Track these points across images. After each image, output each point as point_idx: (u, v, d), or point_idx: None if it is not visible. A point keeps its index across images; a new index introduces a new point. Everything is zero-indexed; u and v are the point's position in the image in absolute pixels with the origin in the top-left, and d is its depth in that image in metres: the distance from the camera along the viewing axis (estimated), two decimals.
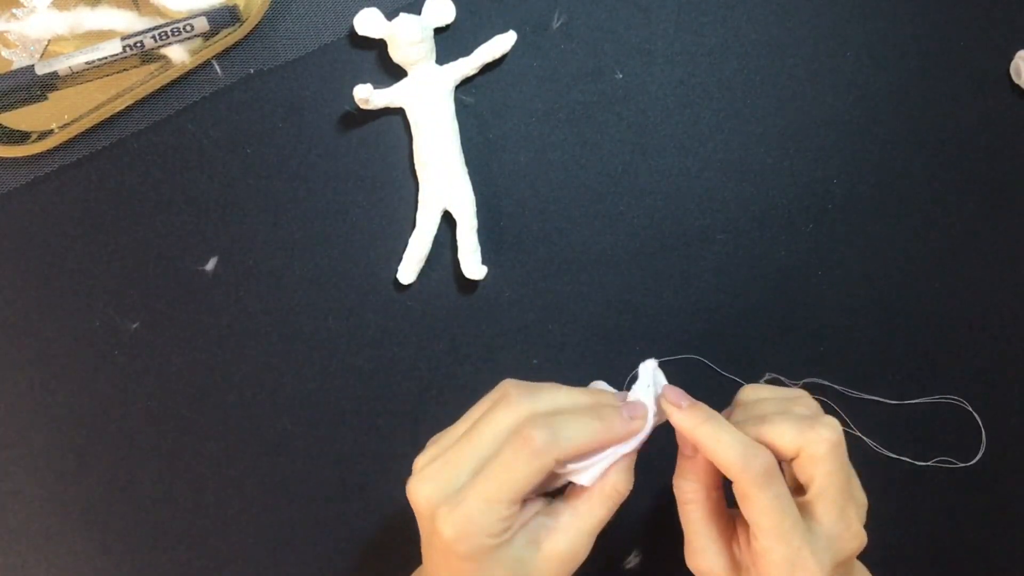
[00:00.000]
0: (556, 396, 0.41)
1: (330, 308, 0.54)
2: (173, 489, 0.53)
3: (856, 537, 0.39)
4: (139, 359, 0.53)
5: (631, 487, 0.41)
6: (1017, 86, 0.56)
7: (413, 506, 0.40)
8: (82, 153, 0.54)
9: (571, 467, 0.40)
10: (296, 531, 0.53)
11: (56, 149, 0.53)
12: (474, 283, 0.54)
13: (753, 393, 0.45)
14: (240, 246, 0.54)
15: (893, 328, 0.55)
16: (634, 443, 0.40)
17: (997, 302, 0.55)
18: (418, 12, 0.53)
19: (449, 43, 0.54)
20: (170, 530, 0.53)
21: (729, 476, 0.39)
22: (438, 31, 0.54)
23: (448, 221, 0.54)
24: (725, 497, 0.42)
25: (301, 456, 0.53)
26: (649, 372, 0.42)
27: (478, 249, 0.53)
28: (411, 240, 0.53)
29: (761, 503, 0.38)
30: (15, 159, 0.53)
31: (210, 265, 0.54)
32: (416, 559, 0.50)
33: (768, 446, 0.39)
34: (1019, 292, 0.55)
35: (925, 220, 0.55)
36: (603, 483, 0.40)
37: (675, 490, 0.42)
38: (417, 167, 0.54)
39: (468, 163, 0.54)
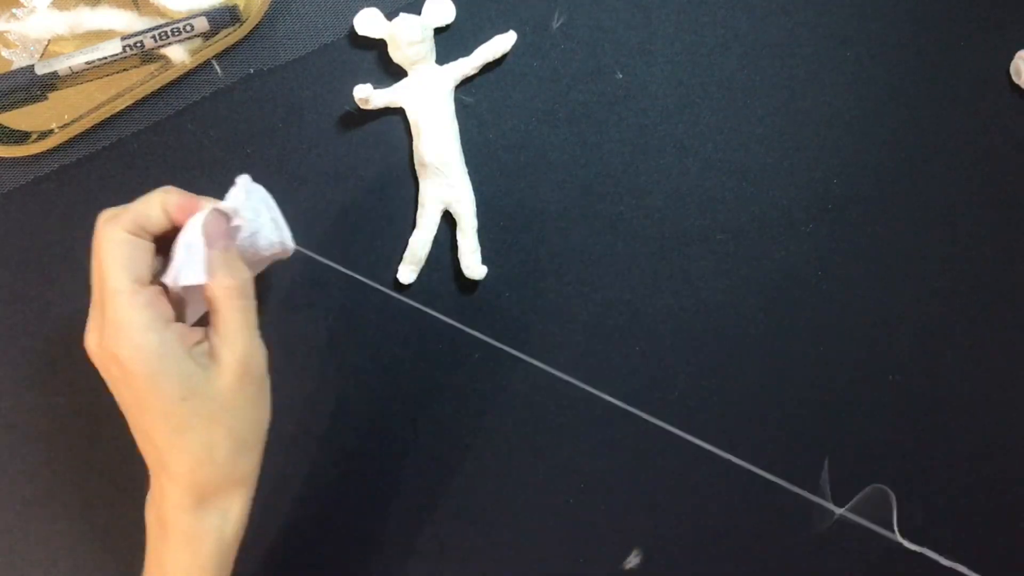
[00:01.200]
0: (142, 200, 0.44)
1: (330, 308, 0.54)
2: None
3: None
4: None
5: (246, 272, 0.43)
6: (1017, 86, 0.56)
7: (93, 361, 0.42)
8: (82, 153, 0.54)
9: (170, 277, 0.42)
10: (296, 531, 0.53)
11: (56, 149, 0.53)
12: (474, 283, 0.54)
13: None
14: None
15: (893, 328, 0.55)
16: (200, 220, 0.42)
17: (997, 302, 0.55)
18: (418, 12, 0.53)
19: (449, 43, 0.54)
20: None
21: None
22: (438, 31, 0.54)
23: (448, 221, 0.54)
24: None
25: (302, 457, 0.53)
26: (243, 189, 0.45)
27: (478, 249, 0.53)
28: (411, 240, 0.53)
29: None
30: (15, 159, 0.53)
31: None
32: (416, 559, 0.50)
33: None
34: (1019, 292, 0.55)
35: (925, 220, 0.55)
36: (217, 286, 0.42)
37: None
38: (417, 167, 0.54)
39: (468, 163, 0.54)
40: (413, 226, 0.54)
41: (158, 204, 0.43)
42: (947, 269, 0.55)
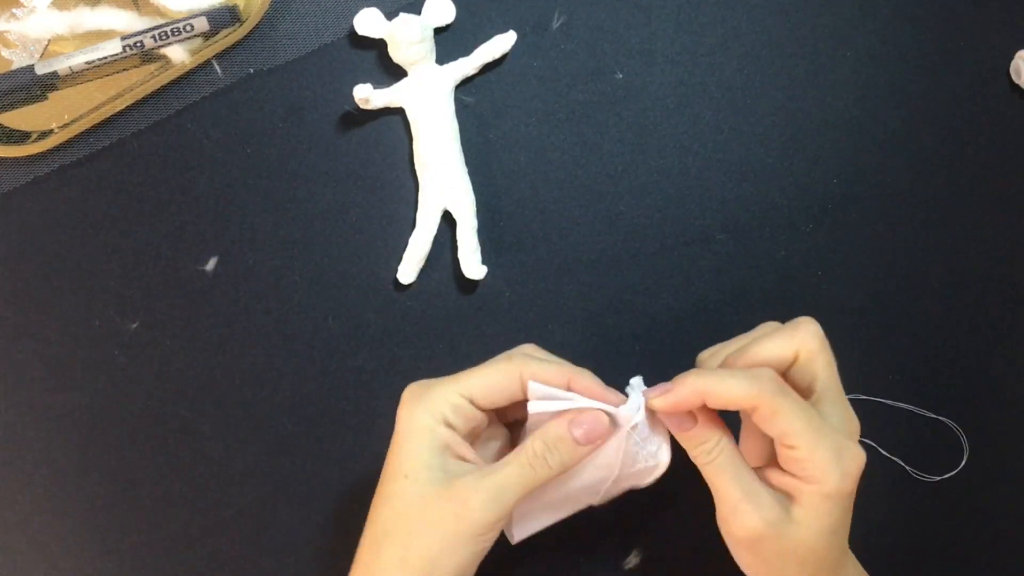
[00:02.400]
0: (557, 359, 0.45)
1: (330, 308, 0.54)
2: (173, 489, 0.53)
3: (858, 425, 0.42)
4: (139, 359, 0.53)
5: (552, 467, 0.41)
6: (1017, 86, 0.56)
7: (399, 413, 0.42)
8: (82, 153, 0.54)
9: (536, 401, 0.41)
10: (296, 531, 0.53)
11: (56, 149, 0.53)
12: (474, 283, 0.54)
13: (709, 351, 0.46)
14: (240, 246, 0.54)
15: (893, 329, 0.55)
16: (597, 403, 0.41)
17: (997, 302, 0.55)
18: (418, 12, 0.53)
19: (449, 43, 0.54)
20: (170, 530, 0.53)
21: (747, 406, 0.39)
22: (438, 31, 0.54)
23: (448, 221, 0.54)
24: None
25: (301, 456, 0.53)
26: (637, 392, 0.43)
27: (478, 249, 0.53)
28: (411, 240, 0.53)
29: (788, 410, 0.39)
30: (15, 159, 0.53)
31: (210, 265, 0.54)
32: None
33: (765, 363, 0.41)
34: (1019, 292, 0.55)
35: (925, 220, 0.55)
36: (524, 445, 0.41)
37: (699, 459, 0.41)
38: (417, 167, 0.54)
39: (468, 163, 0.54)
40: (413, 226, 0.54)
41: (566, 376, 0.43)
42: (947, 269, 0.55)
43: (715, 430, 0.41)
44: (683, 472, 0.52)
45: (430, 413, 0.41)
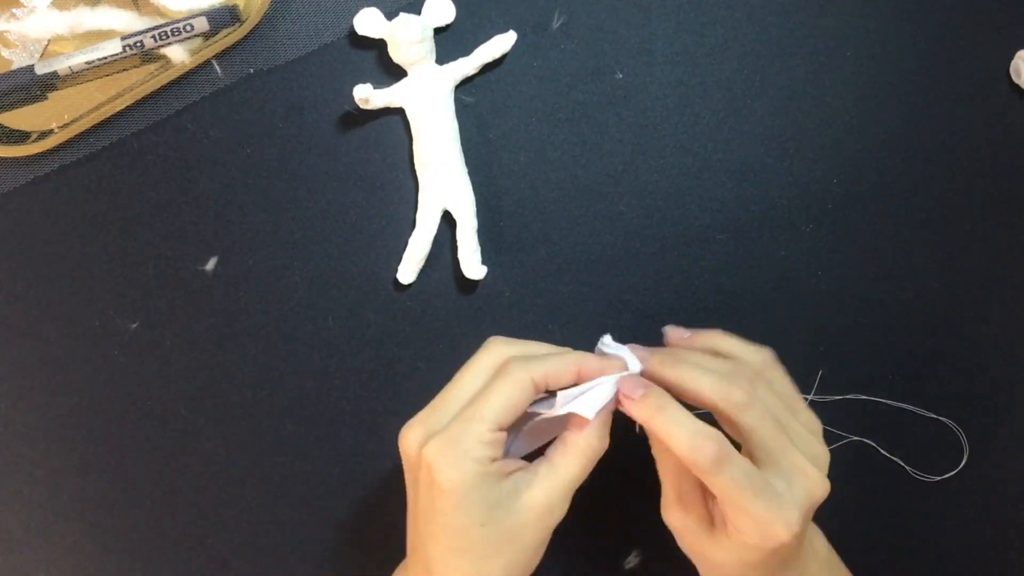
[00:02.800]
0: (535, 344, 0.44)
1: (330, 308, 0.54)
2: (173, 489, 0.53)
3: (818, 480, 0.40)
4: (139, 359, 0.53)
5: (606, 445, 0.43)
6: (1017, 86, 0.56)
7: (403, 453, 0.42)
8: (82, 153, 0.54)
9: (561, 401, 0.42)
10: (296, 531, 0.53)
11: (56, 149, 0.53)
12: (474, 283, 0.54)
13: (675, 334, 0.47)
14: (240, 246, 0.54)
15: (892, 329, 0.55)
16: (615, 378, 0.42)
17: (997, 302, 0.55)
18: (418, 12, 0.53)
19: (449, 43, 0.54)
20: (170, 530, 0.53)
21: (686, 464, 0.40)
22: (438, 31, 0.54)
23: (448, 221, 0.54)
24: None
25: (301, 456, 0.53)
26: (613, 348, 0.45)
27: (478, 249, 0.53)
28: (411, 240, 0.53)
29: (720, 485, 0.39)
30: (15, 159, 0.53)
31: (210, 265, 0.54)
32: None
33: (693, 395, 0.42)
34: (1019, 292, 0.55)
35: (925, 220, 0.55)
36: (578, 439, 0.42)
37: (652, 449, 0.44)
38: (417, 167, 0.54)
39: (468, 163, 0.54)
40: (413, 226, 0.54)
41: (574, 366, 0.43)
42: (947, 269, 0.55)
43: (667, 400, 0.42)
44: None
45: (478, 462, 0.40)
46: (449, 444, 0.40)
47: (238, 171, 0.54)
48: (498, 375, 0.42)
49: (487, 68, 0.54)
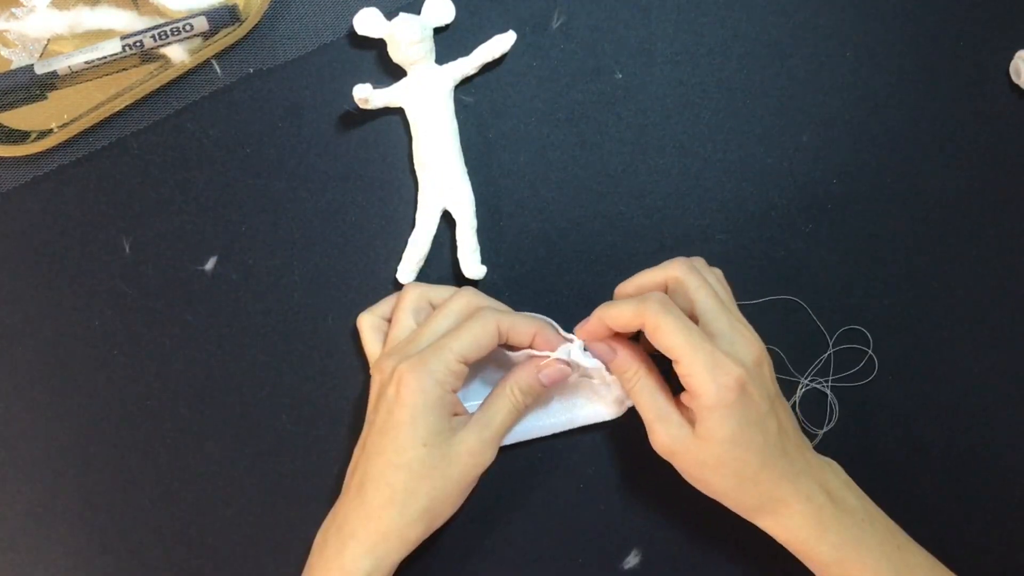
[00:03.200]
0: (500, 303, 0.51)
1: (330, 308, 0.54)
2: (173, 489, 0.53)
3: (751, 342, 0.46)
4: (139, 359, 0.53)
5: (529, 404, 0.49)
6: (1017, 86, 0.56)
7: (376, 375, 0.48)
8: (82, 153, 0.54)
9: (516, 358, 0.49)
10: (296, 531, 0.53)
11: (55, 149, 0.53)
12: (474, 283, 0.54)
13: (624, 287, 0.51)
14: (239, 246, 0.54)
15: (893, 328, 0.55)
16: (562, 353, 0.49)
17: (998, 302, 0.55)
18: (418, 12, 0.53)
19: (449, 43, 0.54)
20: (170, 530, 0.53)
21: (636, 324, 0.45)
22: (438, 31, 0.54)
23: (448, 221, 0.54)
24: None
25: (301, 456, 0.53)
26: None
27: (477, 249, 0.53)
28: (410, 240, 0.53)
29: (668, 326, 0.44)
30: (15, 158, 0.53)
31: (209, 265, 0.54)
32: (412, 557, 0.50)
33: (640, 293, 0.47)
34: (1020, 292, 0.55)
35: (925, 220, 0.55)
36: (502, 387, 0.48)
37: (624, 386, 0.48)
38: (416, 167, 0.54)
39: (468, 163, 0.54)
40: (413, 226, 0.54)
41: (533, 329, 0.49)
42: (947, 269, 0.55)
43: (633, 361, 0.48)
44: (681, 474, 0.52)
45: (439, 384, 0.46)
46: (420, 364, 0.45)
47: (238, 171, 0.54)
48: (471, 317, 0.48)
49: (487, 68, 0.54)
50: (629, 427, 0.53)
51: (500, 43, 0.54)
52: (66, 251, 0.54)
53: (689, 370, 0.44)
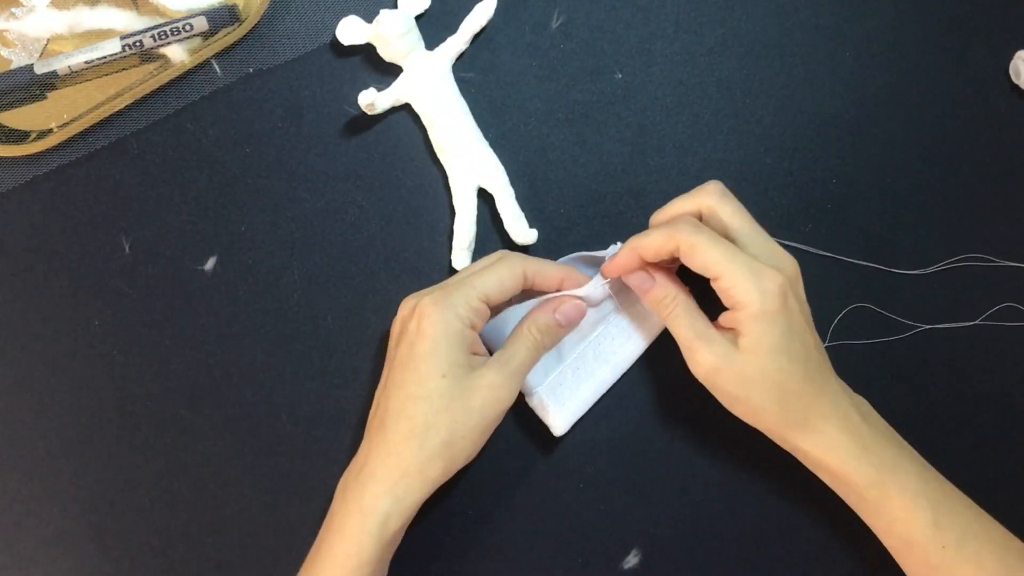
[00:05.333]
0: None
1: (330, 308, 0.54)
2: (173, 489, 0.53)
3: (787, 258, 0.47)
4: (139, 358, 0.53)
5: (554, 341, 0.49)
6: (1017, 86, 0.56)
7: (399, 313, 0.48)
8: (81, 152, 0.54)
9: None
10: (296, 531, 0.53)
11: (55, 148, 0.53)
12: (524, 249, 0.54)
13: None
14: (239, 246, 0.54)
15: (892, 329, 0.55)
16: (582, 292, 0.50)
17: (997, 303, 0.55)
18: (393, 7, 0.53)
19: (435, 27, 0.54)
20: (170, 530, 0.53)
21: (671, 248, 0.46)
22: (418, 18, 0.54)
23: (484, 198, 0.54)
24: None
25: (301, 456, 0.53)
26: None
27: (522, 215, 0.53)
28: (455, 226, 0.53)
29: (703, 243, 0.44)
30: (14, 158, 0.53)
31: (209, 265, 0.54)
32: (412, 557, 0.50)
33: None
34: (1020, 292, 0.55)
35: (925, 220, 0.55)
36: (520, 327, 0.48)
37: (661, 314, 0.48)
38: (439, 154, 0.54)
39: None
40: (413, 226, 0.54)
41: (560, 273, 0.50)
42: (947, 269, 0.55)
43: (670, 287, 0.48)
44: (683, 473, 0.52)
45: (460, 318, 0.46)
46: (442, 298, 0.46)
47: (237, 171, 0.54)
48: (497, 260, 0.49)
49: (487, 68, 0.54)
50: (629, 427, 0.53)
51: (484, 10, 0.54)
52: (66, 251, 0.54)
53: (731, 281, 0.44)
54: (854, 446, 0.45)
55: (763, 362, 0.44)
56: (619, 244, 0.50)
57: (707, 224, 0.47)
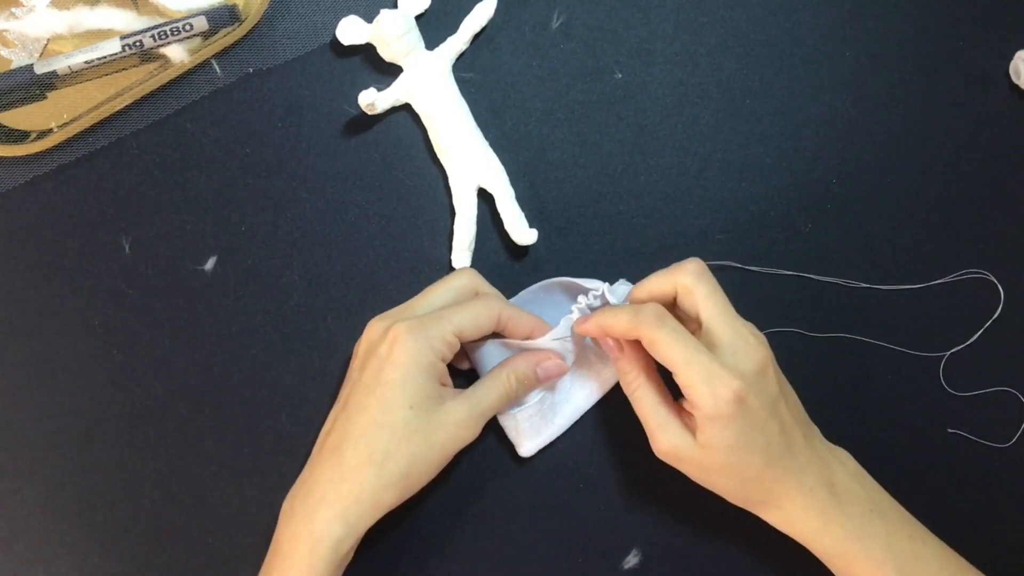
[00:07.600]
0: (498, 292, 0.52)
1: (330, 308, 0.54)
2: (173, 489, 0.53)
3: (758, 347, 0.45)
4: (139, 358, 0.53)
5: (522, 393, 0.50)
6: (1017, 86, 0.56)
7: (366, 335, 0.48)
8: (81, 152, 0.54)
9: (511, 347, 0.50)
10: None
11: (55, 148, 0.53)
12: (524, 250, 0.54)
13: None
14: (239, 246, 0.54)
15: (893, 328, 0.55)
16: (552, 344, 0.50)
17: (998, 302, 0.55)
18: (393, 7, 0.53)
19: (435, 27, 0.54)
20: (170, 530, 0.53)
21: (631, 336, 0.46)
22: (418, 18, 0.54)
23: (484, 198, 0.54)
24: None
25: (301, 456, 0.53)
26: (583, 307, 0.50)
27: (522, 215, 0.53)
28: (455, 226, 0.53)
29: (663, 338, 0.44)
30: (14, 158, 0.53)
31: (209, 264, 0.54)
32: (411, 557, 0.50)
33: (650, 299, 0.48)
34: (1020, 292, 0.55)
35: (924, 220, 0.55)
36: (499, 371, 0.49)
37: (624, 388, 0.48)
38: (439, 154, 0.54)
39: None
40: (412, 226, 0.54)
41: (533, 323, 0.50)
42: (947, 269, 0.55)
43: (635, 364, 0.48)
44: (683, 473, 0.52)
45: (433, 351, 0.46)
46: (418, 327, 0.46)
47: (237, 171, 0.54)
48: (476, 298, 0.49)
49: (487, 68, 0.54)
50: (629, 427, 0.53)
51: (484, 10, 0.54)
52: (66, 251, 0.54)
53: (687, 382, 0.44)
54: (816, 520, 0.45)
55: (720, 458, 0.45)
56: (607, 286, 0.49)
57: (681, 304, 0.47)
